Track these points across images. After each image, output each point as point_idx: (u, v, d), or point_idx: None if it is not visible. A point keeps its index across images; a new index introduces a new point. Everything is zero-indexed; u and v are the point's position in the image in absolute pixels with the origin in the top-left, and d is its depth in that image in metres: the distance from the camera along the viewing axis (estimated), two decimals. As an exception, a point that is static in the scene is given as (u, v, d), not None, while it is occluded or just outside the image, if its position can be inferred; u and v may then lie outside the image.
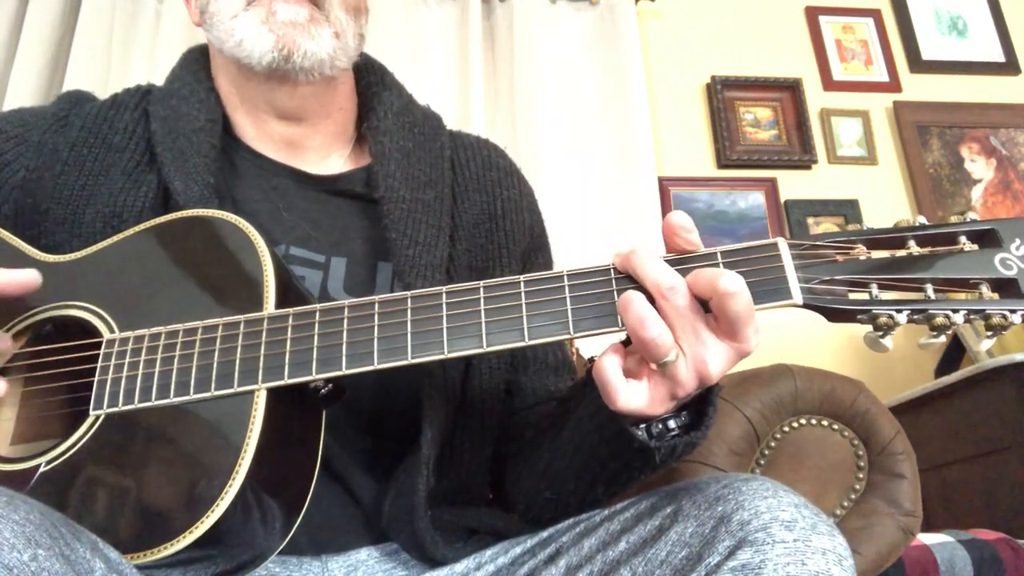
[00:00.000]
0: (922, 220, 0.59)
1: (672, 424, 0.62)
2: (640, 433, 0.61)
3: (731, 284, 0.53)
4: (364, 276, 0.81)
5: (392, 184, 0.82)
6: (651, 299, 0.56)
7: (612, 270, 0.59)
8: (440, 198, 0.85)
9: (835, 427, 1.22)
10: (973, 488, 1.80)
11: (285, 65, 0.79)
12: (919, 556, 1.29)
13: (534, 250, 0.93)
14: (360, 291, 0.80)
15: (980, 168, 2.54)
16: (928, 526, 1.28)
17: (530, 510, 0.78)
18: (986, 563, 1.31)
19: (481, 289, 0.61)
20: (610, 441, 0.63)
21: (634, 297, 0.55)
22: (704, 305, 0.56)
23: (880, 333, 0.57)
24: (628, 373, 0.58)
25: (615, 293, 0.58)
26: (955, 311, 0.55)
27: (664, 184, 2.40)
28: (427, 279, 0.77)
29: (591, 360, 0.64)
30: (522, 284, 0.60)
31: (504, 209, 0.89)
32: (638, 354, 0.58)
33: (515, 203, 0.91)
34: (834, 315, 0.57)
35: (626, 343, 0.60)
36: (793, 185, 2.48)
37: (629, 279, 0.58)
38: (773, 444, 1.21)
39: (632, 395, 0.57)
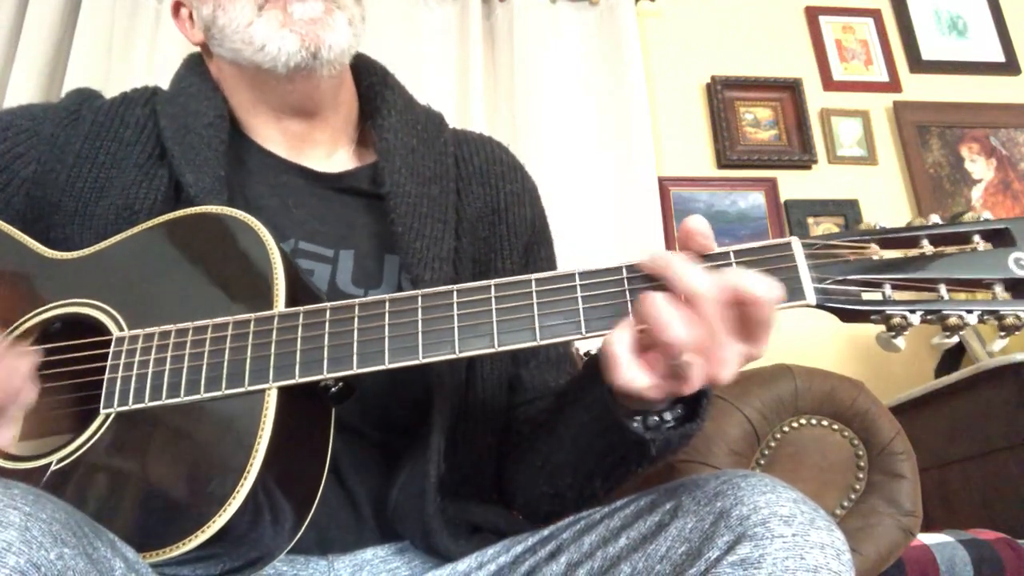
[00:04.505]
0: (935, 219, 0.58)
1: (668, 416, 0.62)
2: (636, 425, 0.61)
3: (766, 291, 0.53)
4: (372, 268, 0.82)
5: (398, 179, 0.83)
6: (672, 298, 0.55)
7: (624, 270, 0.59)
8: (445, 192, 0.86)
9: (835, 427, 1.22)
10: (973, 488, 1.81)
11: (313, 62, 0.80)
12: (919, 556, 1.30)
13: (536, 244, 0.93)
14: (368, 283, 0.81)
15: (980, 168, 2.55)
16: (928, 526, 1.28)
17: (528, 505, 0.79)
18: (986, 563, 1.31)
19: (492, 288, 0.61)
20: (606, 433, 0.63)
21: (657, 299, 0.54)
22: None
23: (893, 333, 0.56)
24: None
25: (627, 293, 0.58)
26: (969, 311, 0.55)
27: (664, 184, 2.40)
28: (434, 271, 0.78)
29: (587, 355, 0.64)
30: (533, 284, 0.60)
31: (507, 203, 0.90)
32: (650, 344, 0.56)
33: (517, 197, 0.92)
34: (847, 315, 0.57)
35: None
36: (793, 185, 2.48)
37: (640, 279, 0.58)
38: (773, 444, 1.21)
39: (636, 373, 0.55)
